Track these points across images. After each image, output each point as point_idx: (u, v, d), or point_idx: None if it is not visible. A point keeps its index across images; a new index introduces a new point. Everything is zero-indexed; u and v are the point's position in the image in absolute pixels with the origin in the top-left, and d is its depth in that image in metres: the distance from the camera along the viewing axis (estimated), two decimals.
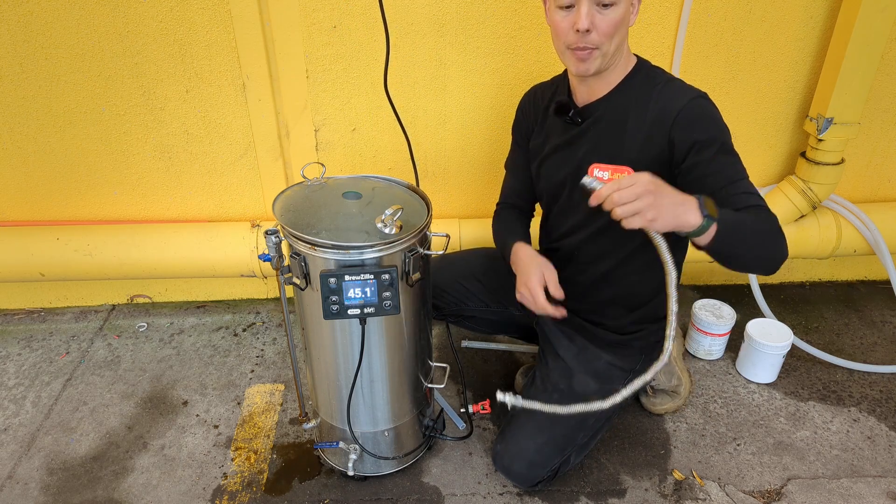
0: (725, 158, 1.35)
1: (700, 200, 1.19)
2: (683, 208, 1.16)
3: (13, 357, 2.25)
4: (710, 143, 1.34)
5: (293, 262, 1.43)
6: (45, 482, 1.77)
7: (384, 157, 2.25)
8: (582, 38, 1.35)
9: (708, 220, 1.17)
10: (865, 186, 2.43)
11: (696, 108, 1.37)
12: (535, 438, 1.66)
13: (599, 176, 1.48)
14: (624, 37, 1.40)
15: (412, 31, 2.03)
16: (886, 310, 2.47)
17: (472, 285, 1.88)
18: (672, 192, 1.18)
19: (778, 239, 1.31)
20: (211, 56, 2.04)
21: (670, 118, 1.37)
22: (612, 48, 1.38)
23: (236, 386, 2.10)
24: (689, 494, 1.72)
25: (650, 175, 1.15)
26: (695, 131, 1.36)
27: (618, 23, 1.34)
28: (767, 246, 1.30)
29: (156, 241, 2.23)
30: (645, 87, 1.44)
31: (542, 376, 1.74)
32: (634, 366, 1.69)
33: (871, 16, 1.94)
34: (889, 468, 1.79)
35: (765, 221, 1.29)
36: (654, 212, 1.13)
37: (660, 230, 1.17)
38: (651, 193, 1.13)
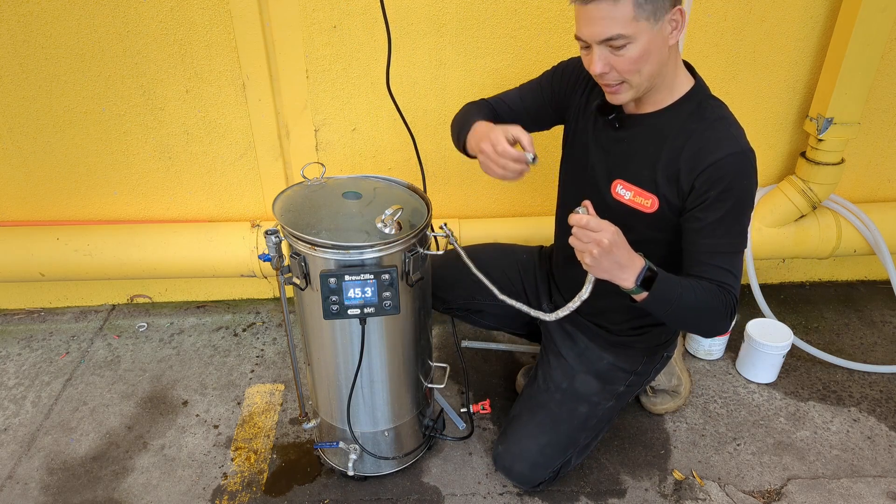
0: (727, 226, 1.33)
1: (642, 271, 1.28)
2: (621, 272, 1.28)
3: (13, 357, 2.25)
4: (720, 205, 1.31)
5: (293, 262, 1.43)
6: (45, 482, 1.77)
7: (384, 157, 2.25)
8: (602, 78, 1.31)
9: (638, 289, 1.29)
10: (865, 186, 2.43)
11: (730, 165, 1.30)
12: (537, 439, 1.66)
13: (619, 194, 1.45)
14: (660, 62, 1.28)
15: (412, 31, 2.03)
16: (886, 310, 2.47)
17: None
18: (622, 254, 1.26)
19: (716, 321, 1.37)
20: (211, 56, 2.04)
21: (701, 167, 1.31)
22: (642, 79, 1.29)
23: (236, 386, 2.10)
24: (689, 494, 1.72)
25: (615, 234, 1.25)
26: (714, 187, 1.31)
27: (639, 59, 1.25)
28: (700, 324, 1.41)
29: (156, 241, 2.23)
30: (691, 121, 1.35)
31: (543, 374, 1.74)
32: (636, 367, 1.68)
33: (871, 16, 1.94)
34: (889, 468, 1.79)
35: (711, 303, 1.32)
36: (593, 262, 1.26)
37: (591, 274, 1.32)
38: (601, 249, 1.24)
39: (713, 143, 1.32)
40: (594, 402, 1.67)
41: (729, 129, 1.35)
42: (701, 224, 1.34)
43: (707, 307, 1.33)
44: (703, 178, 1.32)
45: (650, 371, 1.72)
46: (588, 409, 1.66)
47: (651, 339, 1.67)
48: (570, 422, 1.66)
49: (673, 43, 1.28)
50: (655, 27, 1.22)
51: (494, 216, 2.38)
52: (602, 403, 1.67)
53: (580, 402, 1.67)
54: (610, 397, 1.68)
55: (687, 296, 1.31)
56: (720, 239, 1.34)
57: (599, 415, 1.68)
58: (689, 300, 1.31)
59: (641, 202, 1.42)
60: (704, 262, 1.35)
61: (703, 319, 1.38)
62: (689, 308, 1.33)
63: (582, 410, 1.66)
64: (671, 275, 1.32)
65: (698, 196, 1.33)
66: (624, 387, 1.69)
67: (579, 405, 1.67)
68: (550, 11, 2.02)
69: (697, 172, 1.32)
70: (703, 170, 1.32)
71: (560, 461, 1.66)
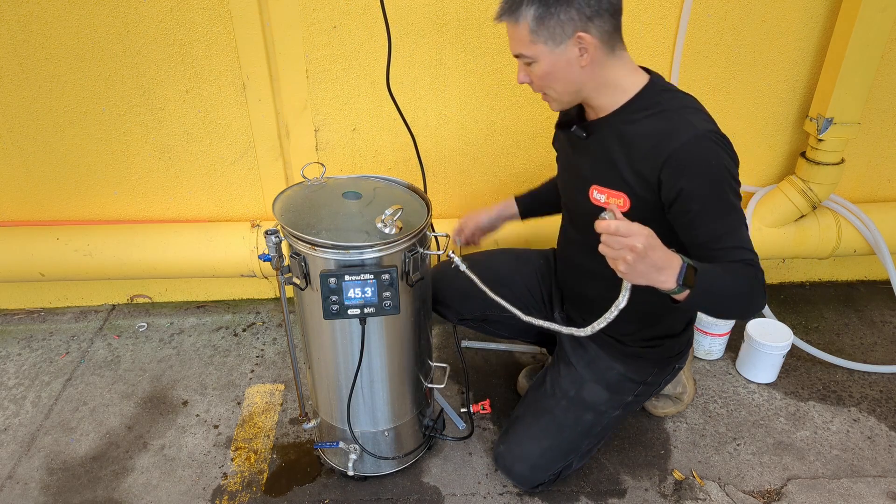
0: (713, 210, 1.29)
1: (682, 269, 1.19)
2: (659, 274, 1.19)
3: (13, 357, 2.25)
4: (698, 192, 1.28)
5: (293, 262, 1.43)
6: (45, 482, 1.77)
7: (384, 157, 2.25)
8: (532, 87, 1.41)
9: (681, 288, 1.20)
10: (865, 186, 2.43)
11: (690, 150, 1.28)
12: (539, 442, 1.65)
13: (596, 199, 1.44)
14: (576, 80, 1.34)
15: (412, 31, 2.03)
16: (886, 310, 2.47)
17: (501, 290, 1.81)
18: (659, 256, 1.18)
19: (754, 298, 1.31)
20: (211, 56, 2.04)
21: (661, 158, 1.29)
22: (560, 92, 1.37)
23: (236, 386, 2.10)
24: (689, 494, 1.72)
25: (649, 236, 1.16)
26: (683, 177, 1.28)
27: (544, 76, 1.34)
28: (742, 306, 1.33)
29: (156, 241, 2.23)
30: (644, 115, 1.35)
31: (552, 380, 1.71)
32: (646, 377, 1.65)
33: (871, 16, 1.94)
34: (889, 468, 1.79)
35: (745, 281, 1.27)
36: (628, 270, 1.17)
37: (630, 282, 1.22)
38: (635, 255, 1.15)
39: (669, 132, 1.30)
40: (601, 410, 1.65)
41: (685, 116, 1.32)
42: (689, 217, 1.31)
43: (744, 286, 1.27)
44: (667, 171, 1.29)
45: (660, 382, 1.70)
46: (594, 417, 1.65)
47: (664, 352, 1.63)
48: (574, 428, 1.65)
49: (586, 65, 1.31)
50: (556, 50, 1.30)
51: None
52: (608, 412, 1.66)
53: (586, 410, 1.65)
54: (617, 407, 1.66)
55: (725, 281, 1.25)
56: (714, 223, 1.29)
57: (604, 423, 1.66)
58: (728, 286, 1.25)
59: (616, 203, 1.42)
60: (713, 249, 1.29)
61: (744, 300, 1.29)
62: (729, 294, 1.26)
63: (587, 418, 1.65)
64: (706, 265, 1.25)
65: (670, 190, 1.30)
66: (632, 397, 1.67)
67: (585, 413, 1.65)
68: None
69: (660, 165, 1.30)
70: (665, 161, 1.29)
71: (561, 465, 1.66)
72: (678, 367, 1.72)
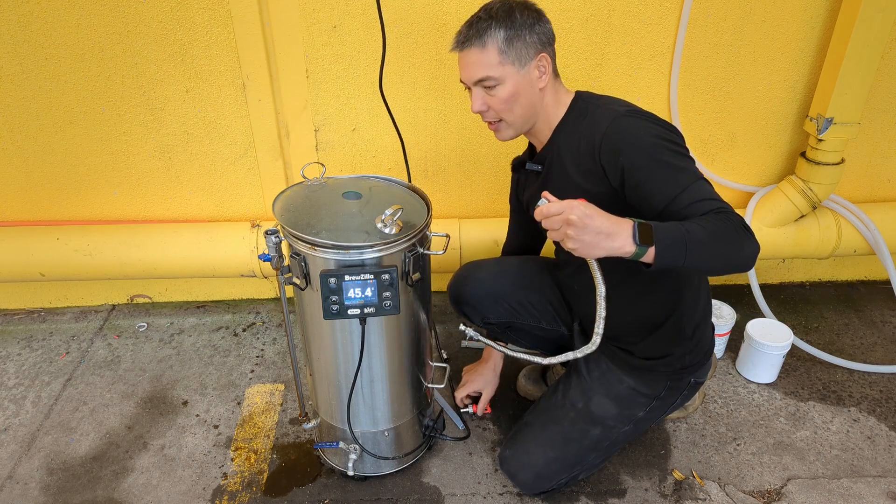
0: (658, 174, 1.28)
1: (634, 227, 1.17)
2: (612, 240, 1.17)
3: (13, 357, 2.25)
4: (637, 163, 1.29)
5: (293, 262, 1.43)
6: (45, 482, 1.77)
7: (384, 157, 2.25)
8: (483, 116, 1.47)
9: (642, 248, 1.17)
10: (865, 186, 2.43)
11: (615, 130, 1.33)
12: (545, 452, 1.64)
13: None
14: (531, 102, 1.43)
15: (412, 32, 2.03)
16: (886, 310, 2.47)
17: (532, 297, 1.82)
18: (601, 222, 1.17)
19: (739, 241, 1.23)
20: (211, 56, 2.04)
21: (596, 148, 1.35)
22: (516, 116, 1.44)
23: (236, 386, 2.10)
24: (689, 494, 1.72)
25: (581, 206, 1.17)
26: (619, 155, 1.31)
27: (508, 98, 1.39)
28: (728, 252, 1.24)
29: (156, 241, 2.23)
30: (576, 122, 1.43)
31: (563, 390, 1.69)
32: (659, 392, 1.60)
33: (871, 16, 1.94)
34: (889, 468, 1.79)
35: (720, 226, 1.21)
36: (574, 243, 1.18)
37: (587, 257, 1.23)
38: (571, 226, 1.16)
39: (595, 123, 1.38)
40: (609, 425, 1.61)
41: (607, 107, 1.40)
42: (641, 190, 1.30)
43: (719, 231, 1.20)
44: (605, 156, 1.34)
45: (675, 398, 1.64)
46: (601, 431, 1.61)
47: (674, 363, 1.58)
48: (581, 442, 1.62)
49: (543, 85, 1.42)
50: (522, 71, 1.39)
51: (494, 216, 2.38)
52: (617, 427, 1.62)
53: (594, 424, 1.62)
54: (627, 422, 1.62)
55: (693, 229, 1.19)
56: (666, 187, 1.27)
57: (613, 437, 1.63)
58: (698, 232, 1.19)
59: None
60: (675, 212, 1.26)
61: (726, 245, 1.22)
62: (705, 241, 1.19)
63: (594, 433, 1.61)
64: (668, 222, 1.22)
65: (615, 172, 1.32)
66: (644, 412, 1.62)
67: (592, 427, 1.62)
68: (550, 12, 1.99)
69: (597, 153, 1.35)
70: (598, 148, 1.34)
71: (566, 477, 1.64)
72: (695, 381, 1.63)
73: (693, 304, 1.57)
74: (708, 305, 1.64)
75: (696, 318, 1.58)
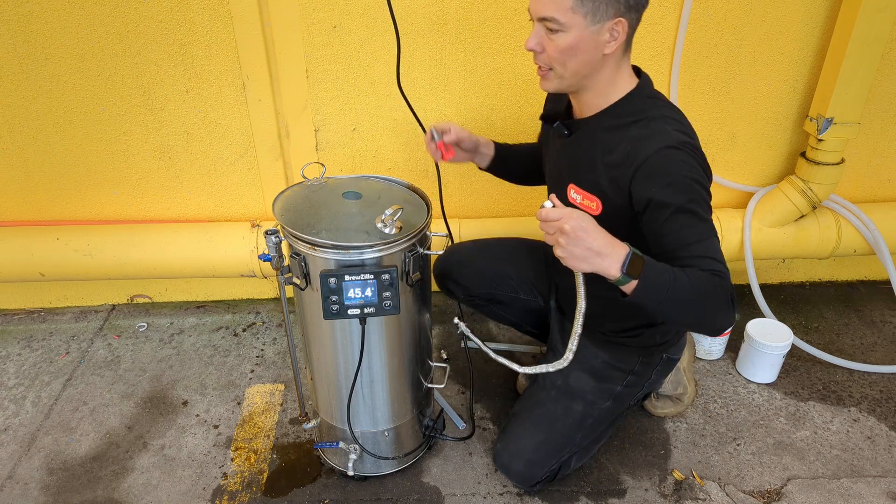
0: (682, 219, 1.26)
1: (627, 256, 1.18)
2: (601, 259, 1.18)
3: (13, 357, 2.25)
4: (665, 203, 1.27)
5: (293, 262, 1.43)
6: (45, 482, 1.77)
7: (384, 157, 2.25)
8: (536, 57, 1.36)
9: (626, 278, 1.19)
10: (865, 186, 2.43)
11: (661, 160, 1.27)
12: (533, 436, 1.67)
13: (573, 198, 1.46)
14: (589, 63, 1.32)
15: (412, 31, 2.03)
16: (886, 310, 2.47)
17: (506, 269, 1.86)
18: (596, 239, 1.18)
19: (718, 310, 1.25)
20: (211, 56, 2.04)
21: (633, 167, 1.30)
22: (568, 71, 1.32)
23: (236, 386, 2.10)
24: (689, 494, 1.72)
25: (579, 219, 1.18)
26: (652, 186, 1.28)
27: (566, 49, 1.29)
28: (702, 314, 1.27)
29: (156, 241, 2.23)
30: (627, 120, 1.36)
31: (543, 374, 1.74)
32: (632, 367, 1.67)
33: (871, 16, 1.94)
34: (889, 468, 1.79)
35: (708, 289, 1.23)
36: (563, 252, 1.19)
37: (576, 269, 1.23)
38: (566, 236, 1.17)
39: (645, 140, 1.30)
40: (589, 400, 1.66)
41: (664, 126, 1.32)
42: (658, 225, 1.30)
43: (704, 293, 1.23)
44: (637, 181, 1.29)
45: (649, 372, 1.70)
46: (583, 407, 1.66)
47: (645, 340, 1.65)
48: (565, 420, 1.66)
49: (609, 52, 1.31)
50: (591, 27, 1.27)
51: (494, 216, 2.39)
52: (598, 402, 1.67)
53: (574, 399, 1.67)
54: (606, 397, 1.67)
55: (681, 281, 1.21)
56: (682, 232, 1.27)
57: (596, 415, 1.67)
58: (684, 286, 1.21)
59: (588, 205, 1.42)
60: (681, 257, 1.27)
61: (704, 308, 1.26)
62: (685, 297, 1.22)
63: (577, 409, 1.66)
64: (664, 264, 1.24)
65: (641, 199, 1.30)
66: (621, 387, 1.68)
67: (574, 403, 1.66)
68: None
69: (632, 173, 1.30)
70: (637, 168, 1.29)
71: (556, 460, 1.66)
72: (667, 357, 1.70)
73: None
74: None
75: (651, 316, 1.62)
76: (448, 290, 1.90)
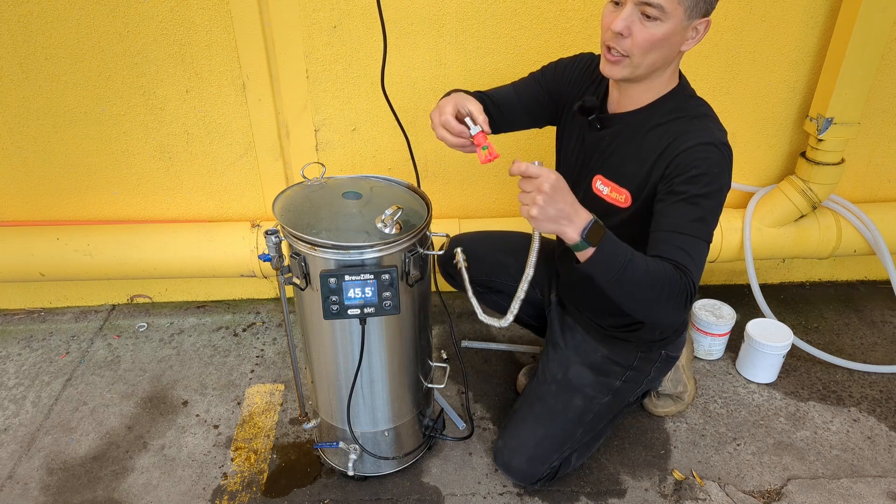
0: (688, 210, 1.29)
1: (589, 223, 1.21)
2: (567, 221, 1.20)
3: (13, 357, 2.25)
4: (682, 191, 1.30)
5: (293, 262, 1.43)
6: (45, 482, 1.77)
7: (384, 157, 2.25)
8: (616, 40, 1.29)
9: (584, 243, 1.21)
10: (865, 186, 2.43)
11: (698, 154, 1.30)
12: (533, 432, 1.67)
13: (598, 189, 1.47)
14: (665, 58, 1.31)
15: (412, 31, 2.03)
16: (886, 310, 2.47)
17: (506, 259, 1.87)
18: (568, 202, 1.20)
19: (667, 302, 1.25)
20: (211, 56, 2.04)
21: (672, 155, 1.32)
22: (644, 63, 1.30)
23: (236, 386, 2.10)
24: (689, 494, 1.72)
25: (557, 180, 1.19)
26: (682, 173, 1.30)
27: (656, 40, 1.26)
28: (650, 300, 1.26)
29: (156, 241, 2.23)
30: (669, 118, 1.37)
31: (542, 367, 1.76)
32: (631, 362, 1.68)
33: (871, 16, 1.94)
34: (889, 468, 1.80)
35: (664, 279, 1.23)
36: (537, 211, 1.19)
37: (538, 229, 1.25)
38: (545, 195, 1.18)
39: (687, 134, 1.33)
40: (588, 394, 1.67)
41: (707, 124, 1.35)
42: (663, 205, 1.32)
43: (658, 283, 1.23)
44: (672, 166, 1.32)
45: (648, 369, 1.71)
46: (583, 402, 1.67)
47: (644, 335, 1.66)
48: (565, 414, 1.66)
49: (685, 50, 1.33)
50: (685, 22, 1.26)
51: (494, 216, 2.39)
52: (597, 397, 1.67)
53: (574, 393, 1.67)
54: (605, 391, 1.68)
55: (637, 264, 1.23)
56: (681, 220, 1.29)
57: (595, 409, 1.67)
58: (639, 269, 1.23)
59: (616, 197, 1.43)
60: (664, 242, 1.29)
61: (653, 297, 1.25)
62: (637, 279, 1.23)
63: (577, 403, 1.67)
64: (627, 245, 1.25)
65: (666, 182, 1.32)
66: (620, 382, 1.68)
67: (574, 397, 1.67)
68: (550, 12, 2.02)
69: (668, 161, 1.32)
70: (674, 158, 1.31)
71: (557, 456, 1.66)
72: (666, 353, 1.70)
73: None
74: None
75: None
76: (448, 274, 1.92)
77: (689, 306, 1.29)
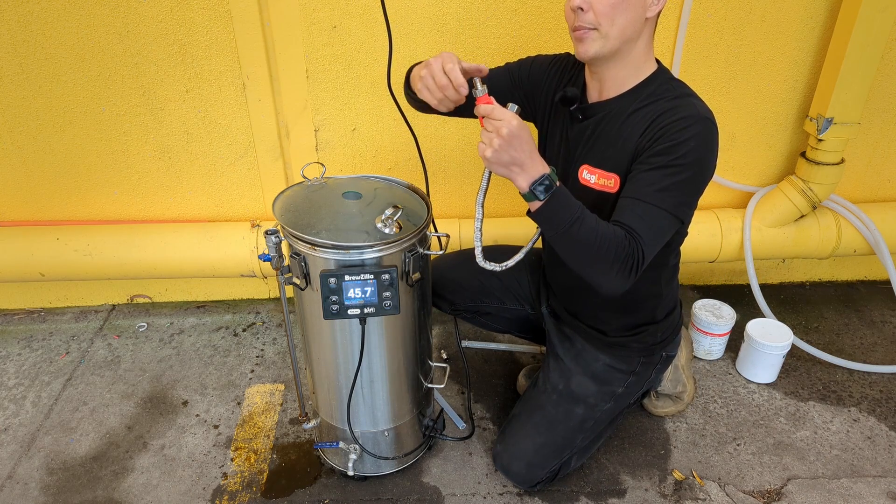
0: (654, 177, 1.29)
1: (543, 176, 1.22)
2: (518, 171, 1.23)
3: (13, 357, 2.25)
4: (655, 160, 1.30)
5: (293, 262, 1.43)
6: (45, 482, 1.77)
7: (384, 157, 2.25)
8: (579, 17, 1.31)
9: (531, 194, 1.23)
10: (865, 186, 2.43)
11: (678, 126, 1.30)
12: (533, 439, 1.66)
13: (585, 178, 1.46)
14: (633, 23, 1.31)
15: (412, 31, 2.03)
16: (886, 310, 2.47)
17: (490, 281, 1.86)
18: (524, 151, 1.21)
19: (609, 267, 1.25)
20: (211, 56, 2.04)
21: (653, 130, 1.32)
22: (613, 31, 1.30)
23: (236, 386, 2.10)
24: (689, 494, 1.72)
25: (518, 126, 1.20)
26: (660, 142, 1.30)
27: (616, 3, 1.27)
28: (590, 258, 1.27)
29: (156, 241, 2.23)
30: (651, 100, 1.37)
31: (543, 376, 1.75)
32: (634, 367, 1.68)
33: (871, 16, 1.94)
34: (889, 468, 1.80)
35: (613, 247, 1.24)
36: (492, 153, 1.21)
37: (493, 171, 1.26)
38: (502, 139, 1.19)
39: (672, 110, 1.33)
40: (590, 403, 1.66)
41: (690, 101, 1.36)
42: (634, 174, 1.32)
43: (605, 245, 1.24)
44: (652, 138, 1.32)
45: (649, 372, 1.71)
46: (584, 410, 1.66)
47: (646, 339, 1.66)
48: (566, 423, 1.66)
49: (650, 16, 1.33)
50: None
51: (493, 216, 2.38)
52: (599, 405, 1.67)
53: (576, 403, 1.67)
54: (608, 399, 1.67)
55: (587, 223, 1.24)
56: (645, 189, 1.29)
57: (597, 416, 1.67)
58: (586, 228, 1.24)
59: (605, 183, 1.43)
60: (624, 208, 1.30)
61: (597, 258, 1.26)
62: (583, 237, 1.24)
63: (578, 412, 1.66)
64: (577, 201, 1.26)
65: (643, 150, 1.33)
66: (622, 388, 1.68)
67: (575, 407, 1.66)
68: (550, 12, 2.02)
69: (650, 136, 1.33)
70: (655, 132, 1.32)
71: (557, 462, 1.66)
72: (666, 355, 1.72)
73: (670, 297, 1.65)
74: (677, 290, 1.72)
75: (669, 306, 1.67)
76: (434, 303, 1.89)
77: (635, 274, 1.28)
